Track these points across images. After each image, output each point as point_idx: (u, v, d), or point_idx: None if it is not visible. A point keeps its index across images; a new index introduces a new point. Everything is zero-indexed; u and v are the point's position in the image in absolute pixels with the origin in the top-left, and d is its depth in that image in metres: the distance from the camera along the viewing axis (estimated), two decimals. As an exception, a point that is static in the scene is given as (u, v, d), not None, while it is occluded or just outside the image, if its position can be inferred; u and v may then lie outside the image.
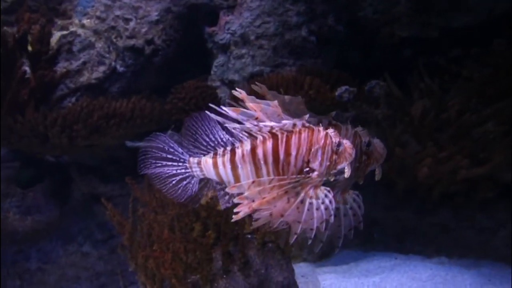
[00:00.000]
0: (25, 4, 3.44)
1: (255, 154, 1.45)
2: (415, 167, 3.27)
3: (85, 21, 3.66)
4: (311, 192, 1.43)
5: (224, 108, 1.37)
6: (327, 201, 1.43)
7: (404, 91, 3.75)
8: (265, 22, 3.55)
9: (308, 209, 1.41)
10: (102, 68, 3.58)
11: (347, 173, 1.49)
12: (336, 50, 3.97)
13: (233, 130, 1.48)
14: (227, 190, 1.47)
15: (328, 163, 1.45)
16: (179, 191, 1.60)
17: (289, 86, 3.09)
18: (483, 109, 3.52)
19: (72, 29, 3.66)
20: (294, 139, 1.43)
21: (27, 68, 3.22)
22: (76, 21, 3.69)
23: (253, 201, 1.40)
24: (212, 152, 1.54)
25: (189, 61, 3.86)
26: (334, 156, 1.46)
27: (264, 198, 1.39)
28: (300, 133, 1.44)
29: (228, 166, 1.49)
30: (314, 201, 1.42)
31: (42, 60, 3.23)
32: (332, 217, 1.43)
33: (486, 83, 3.64)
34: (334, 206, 1.43)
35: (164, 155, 1.60)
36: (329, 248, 3.38)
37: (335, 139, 1.46)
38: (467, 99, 3.63)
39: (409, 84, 3.81)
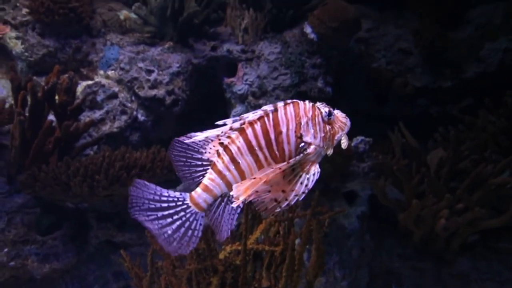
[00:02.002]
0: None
1: (248, 142, 1.37)
2: (432, 218, 3.25)
3: (110, 72, 3.83)
4: (307, 168, 1.39)
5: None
6: (311, 178, 1.37)
7: (419, 140, 3.79)
8: (282, 74, 3.67)
9: (295, 182, 1.37)
10: (124, 117, 3.70)
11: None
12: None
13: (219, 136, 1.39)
14: (232, 197, 1.36)
15: (322, 134, 1.39)
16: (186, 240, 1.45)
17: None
18: (498, 159, 3.53)
19: (97, 79, 3.82)
20: (280, 116, 1.37)
21: (53, 118, 3.35)
22: (101, 72, 3.86)
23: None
24: (208, 167, 1.43)
25: (208, 110, 3.97)
26: (327, 127, 1.40)
27: (262, 179, 1.32)
28: (285, 108, 1.37)
29: (232, 166, 1.39)
30: (304, 175, 1.38)
31: (68, 110, 3.37)
32: (304, 196, 1.38)
33: (500, 134, 3.67)
34: (312, 185, 1.37)
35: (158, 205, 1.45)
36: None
37: (324, 109, 1.40)
38: (482, 150, 3.65)
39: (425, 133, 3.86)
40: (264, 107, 1.37)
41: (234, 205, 1.36)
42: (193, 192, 1.44)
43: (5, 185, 3.38)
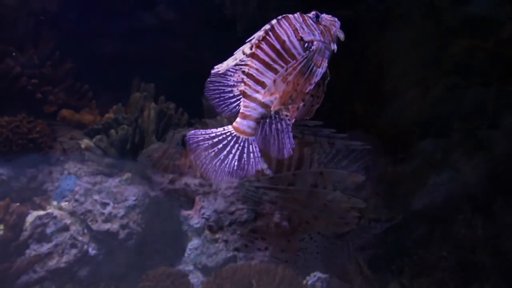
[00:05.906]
0: None
1: (262, 61, 1.59)
2: None
3: (63, 204, 3.75)
4: (319, 62, 1.60)
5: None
6: (321, 70, 1.59)
7: (378, 270, 3.78)
8: (239, 209, 3.71)
9: (312, 76, 1.58)
10: (73, 251, 3.54)
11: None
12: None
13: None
14: (261, 97, 1.56)
15: (319, 31, 1.61)
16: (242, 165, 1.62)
17: (261, 278, 3.09)
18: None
19: (49, 210, 3.71)
20: (278, 29, 1.60)
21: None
22: (55, 202, 3.77)
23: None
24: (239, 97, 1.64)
25: (164, 243, 3.88)
26: (320, 26, 1.62)
27: (286, 87, 1.54)
28: (279, 23, 1.60)
29: (259, 87, 1.59)
30: (320, 70, 1.60)
31: (12, 246, 3.19)
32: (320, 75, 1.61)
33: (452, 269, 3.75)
34: (319, 78, 1.60)
35: (210, 142, 1.62)
36: None
37: (311, 13, 1.64)
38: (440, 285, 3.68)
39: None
40: (264, 27, 1.60)
41: (273, 110, 1.57)
42: (234, 123, 1.62)
43: None
